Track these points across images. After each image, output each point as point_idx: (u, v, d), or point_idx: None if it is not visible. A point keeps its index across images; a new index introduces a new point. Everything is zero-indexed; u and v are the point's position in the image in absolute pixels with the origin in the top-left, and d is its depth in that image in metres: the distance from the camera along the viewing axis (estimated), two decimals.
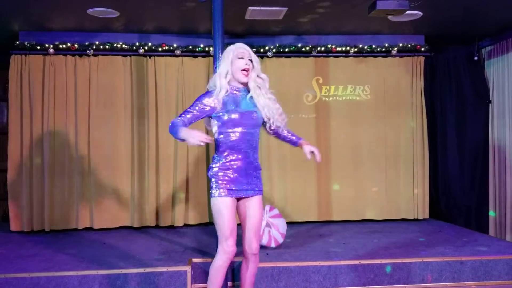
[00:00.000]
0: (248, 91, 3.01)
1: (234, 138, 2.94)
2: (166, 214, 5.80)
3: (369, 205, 6.12)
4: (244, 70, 2.94)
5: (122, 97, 5.82)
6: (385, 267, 4.08)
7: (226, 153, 2.95)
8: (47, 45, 5.61)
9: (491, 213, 6.12)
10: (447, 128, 6.29)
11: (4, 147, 5.87)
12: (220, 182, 2.93)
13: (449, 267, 4.13)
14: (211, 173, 2.97)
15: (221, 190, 2.92)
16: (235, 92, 2.98)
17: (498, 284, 4.12)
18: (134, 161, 5.81)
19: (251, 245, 3.01)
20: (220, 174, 2.94)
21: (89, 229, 5.70)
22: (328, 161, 6.07)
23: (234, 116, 2.92)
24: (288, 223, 5.92)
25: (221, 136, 2.96)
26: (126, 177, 5.79)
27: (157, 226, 5.80)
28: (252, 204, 3.01)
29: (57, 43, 5.64)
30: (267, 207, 4.60)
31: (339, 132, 6.10)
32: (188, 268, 3.90)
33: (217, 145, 3.00)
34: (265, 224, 4.41)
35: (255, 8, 4.86)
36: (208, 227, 5.68)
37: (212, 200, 2.94)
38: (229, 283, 3.99)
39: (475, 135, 6.19)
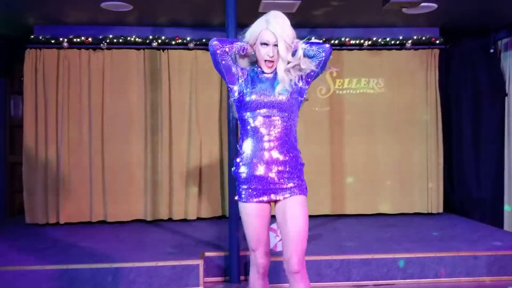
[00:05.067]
0: None
1: (256, 125, 2.41)
2: (179, 207, 5.82)
3: (383, 199, 6.08)
4: (267, 61, 2.40)
5: (135, 91, 5.84)
6: (398, 261, 4.06)
7: (247, 144, 2.44)
8: (61, 39, 5.64)
9: (507, 208, 6.03)
10: (462, 122, 6.20)
11: (20, 140, 5.94)
12: (242, 182, 2.46)
13: (463, 262, 4.10)
14: (233, 170, 2.51)
15: (243, 193, 2.45)
16: (264, 75, 2.45)
17: None
18: (147, 155, 5.84)
19: (290, 260, 2.40)
20: (241, 171, 2.46)
21: (103, 222, 5.75)
22: (341, 154, 6.04)
23: (255, 96, 2.40)
24: None
25: (243, 122, 2.46)
26: (140, 170, 5.82)
27: (170, 220, 5.83)
28: (288, 207, 2.42)
29: (71, 37, 5.67)
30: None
31: (353, 125, 6.05)
32: (200, 262, 3.92)
33: (240, 134, 2.52)
34: (278, 240, 4.33)
35: (269, 1, 4.83)
36: (221, 220, 5.70)
37: (238, 204, 2.52)
38: (241, 277, 4.01)
39: (491, 129, 6.08)
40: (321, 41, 2.43)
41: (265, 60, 2.38)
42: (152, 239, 4.86)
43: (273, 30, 2.32)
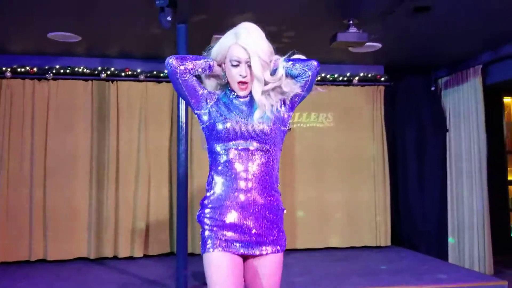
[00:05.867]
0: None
1: (230, 159, 1.93)
2: (125, 244, 5.59)
3: (333, 232, 6.12)
4: (240, 82, 1.95)
5: (82, 122, 5.67)
6: None
7: (218, 183, 1.95)
8: (4, 68, 5.45)
9: (451, 240, 6.22)
10: (407, 156, 6.42)
11: None
12: (207, 229, 1.92)
13: None
14: (198, 214, 1.99)
15: (209, 242, 1.90)
16: (239, 99, 2.00)
17: None
18: (92, 190, 5.61)
19: None
20: (208, 215, 1.94)
21: (43, 261, 5.43)
22: (292, 188, 6.06)
23: (230, 124, 1.93)
24: None
25: (213, 155, 1.98)
26: (84, 205, 5.58)
27: (115, 258, 5.58)
28: (263, 271, 1.94)
29: (14, 66, 5.48)
30: None
31: (303, 159, 6.12)
32: None
33: (209, 169, 2.02)
34: None
35: (220, 35, 4.86)
36: (169, 257, 5.53)
37: (203, 257, 1.93)
38: None
39: (434, 163, 6.33)
40: (305, 58, 2.04)
41: (238, 82, 1.94)
42: (95, 279, 4.64)
43: (244, 45, 1.90)
